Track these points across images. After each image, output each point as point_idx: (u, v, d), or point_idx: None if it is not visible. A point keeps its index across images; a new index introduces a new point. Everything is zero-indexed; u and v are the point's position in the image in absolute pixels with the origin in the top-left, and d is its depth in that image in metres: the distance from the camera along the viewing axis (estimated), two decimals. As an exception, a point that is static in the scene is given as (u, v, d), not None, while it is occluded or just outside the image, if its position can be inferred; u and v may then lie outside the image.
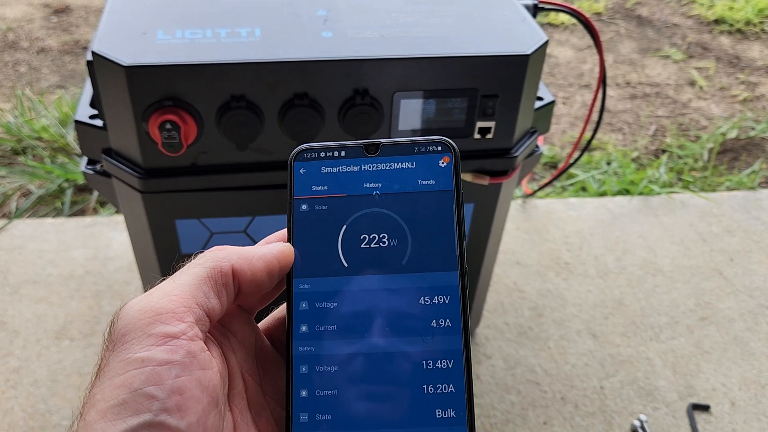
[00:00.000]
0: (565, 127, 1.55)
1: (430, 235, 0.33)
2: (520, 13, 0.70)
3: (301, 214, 0.34)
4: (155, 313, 0.29)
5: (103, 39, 0.60)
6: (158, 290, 0.30)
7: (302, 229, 0.33)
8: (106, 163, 0.66)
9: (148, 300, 0.29)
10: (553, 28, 1.97)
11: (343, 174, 0.34)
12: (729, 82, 1.76)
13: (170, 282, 0.31)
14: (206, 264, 0.31)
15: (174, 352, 0.28)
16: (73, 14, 1.92)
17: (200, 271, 0.31)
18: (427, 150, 0.33)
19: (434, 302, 0.32)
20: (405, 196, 0.33)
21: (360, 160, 0.34)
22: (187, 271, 0.31)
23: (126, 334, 0.28)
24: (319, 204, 0.34)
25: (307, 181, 0.34)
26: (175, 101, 0.60)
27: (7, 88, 1.57)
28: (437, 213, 0.33)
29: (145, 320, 0.28)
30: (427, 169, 0.33)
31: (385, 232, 0.33)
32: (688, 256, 1.15)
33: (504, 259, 1.12)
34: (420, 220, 0.33)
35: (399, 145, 0.34)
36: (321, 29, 0.64)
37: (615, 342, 0.99)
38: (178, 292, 0.30)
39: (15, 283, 1.03)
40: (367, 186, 0.33)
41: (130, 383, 0.27)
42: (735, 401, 0.92)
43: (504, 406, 0.90)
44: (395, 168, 0.34)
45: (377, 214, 0.33)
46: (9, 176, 1.28)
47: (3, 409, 0.85)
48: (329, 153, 0.34)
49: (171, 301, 0.29)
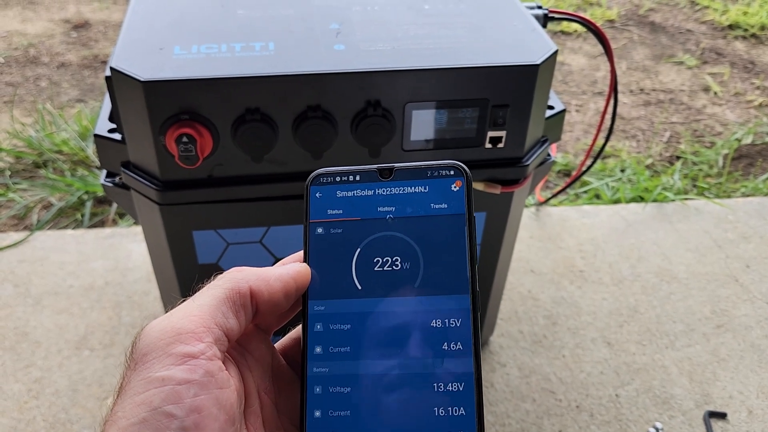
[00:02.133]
0: (578, 135, 1.55)
1: (442, 258, 0.33)
2: (530, 23, 0.71)
3: (316, 237, 0.34)
4: (175, 333, 0.30)
5: (122, 55, 0.62)
6: (179, 311, 0.31)
7: (318, 252, 0.34)
8: (125, 175, 0.68)
9: (169, 320, 0.30)
10: (566, 36, 1.97)
11: (357, 198, 0.34)
12: (744, 87, 1.75)
13: (191, 303, 0.32)
14: (225, 285, 0.32)
15: (193, 372, 0.29)
16: (92, 29, 1.96)
17: (219, 292, 0.32)
18: (439, 174, 0.34)
19: (446, 325, 0.32)
20: (418, 220, 0.34)
21: (374, 184, 0.34)
22: (206, 292, 0.32)
23: (147, 353, 0.29)
24: (334, 227, 0.34)
25: (323, 205, 0.35)
26: (192, 115, 0.61)
27: (28, 102, 1.60)
28: (449, 236, 0.33)
29: (166, 340, 0.29)
30: (440, 193, 0.34)
31: (398, 255, 0.33)
32: (703, 263, 1.14)
33: (518, 267, 1.12)
34: (432, 244, 0.33)
35: (412, 169, 0.34)
36: (333, 42, 0.66)
37: (630, 350, 0.99)
38: (197, 313, 0.31)
39: (37, 294, 1.05)
40: (380, 210, 0.34)
41: (150, 401, 0.28)
42: (752, 409, 0.91)
43: (519, 414, 0.90)
44: (408, 192, 0.34)
45: (390, 238, 0.34)
46: (30, 189, 1.30)
47: (26, 419, 0.87)
48: (344, 177, 0.35)
49: (191, 321, 0.30)
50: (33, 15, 2.03)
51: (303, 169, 0.67)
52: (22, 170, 1.37)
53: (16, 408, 0.88)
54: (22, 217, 1.25)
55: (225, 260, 0.75)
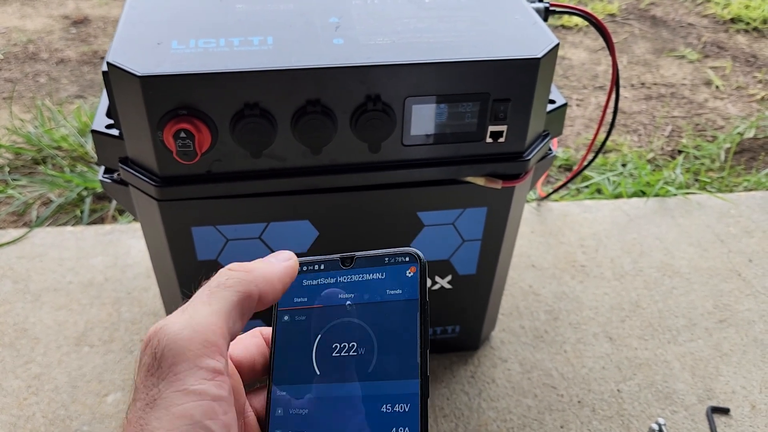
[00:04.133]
0: (579, 129, 1.55)
1: (395, 343, 0.34)
2: (531, 17, 0.70)
3: (283, 325, 0.36)
4: (202, 344, 0.29)
5: (119, 50, 0.61)
6: (198, 315, 0.31)
7: (283, 339, 0.36)
8: (123, 171, 0.67)
9: (193, 329, 0.30)
10: (566, 30, 1.96)
11: (321, 286, 0.36)
12: (746, 81, 1.74)
13: (207, 306, 0.31)
14: (237, 288, 0.32)
15: (222, 389, 0.29)
16: (91, 25, 1.95)
17: (231, 295, 0.32)
18: (395, 261, 0.35)
19: (395, 410, 0.33)
20: (374, 306, 0.35)
21: (336, 272, 0.36)
22: (219, 294, 0.32)
23: (177, 364, 0.29)
24: (299, 315, 0.36)
25: (290, 293, 0.36)
26: (190, 110, 0.61)
27: (27, 98, 1.60)
28: (402, 322, 0.34)
29: (195, 351, 0.29)
30: (396, 280, 0.35)
31: (354, 340, 0.35)
32: (705, 258, 1.14)
33: (519, 262, 1.12)
34: (386, 329, 0.34)
35: (371, 257, 0.36)
36: (333, 36, 0.65)
37: (632, 345, 0.99)
38: (216, 320, 0.31)
39: (36, 291, 1.04)
40: (341, 297, 0.36)
41: (191, 415, 0.28)
42: (755, 404, 0.91)
43: (520, 410, 0.89)
44: (367, 279, 0.35)
45: (348, 324, 0.35)
46: (30, 185, 1.30)
47: (25, 416, 0.87)
48: (310, 267, 0.37)
49: (213, 332, 0.30)
50: (32, 11, 2.02)
51: (302, 165, 0.67)
52: (21, 166, 1.37)
53: (15, 404, 0.88)
54: (22, 213, 1.24)
55: (224, 256, 0.74)
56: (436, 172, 0.70)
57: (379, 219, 0.75)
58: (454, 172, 0.70)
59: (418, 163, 0.69)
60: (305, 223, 0.73)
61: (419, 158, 0.69)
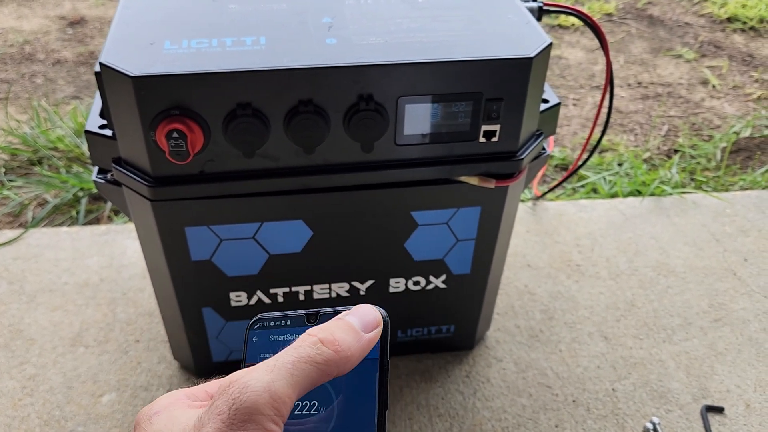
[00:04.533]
0: (576, 129, 1.55)
1: (354, 403, 0.34)
2: (524, 16, 0.70)
3: None
4: (274, 412, 0.30)
5: (111, 50, 0.61)
6: (278, 383, 0.31)
7: None
8: (116, 172, 0.67)
9: (271, 395, 0.31)
10: (563, 30, 1.97)
11: (286, 341, 0.36)
12: (742, 80, 1.74)
13: (290, 376, 0.32)
14: (322, 368, 0.32)
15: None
16: (88, 26, 1.95)
17: (314, 374, 0.32)
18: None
19: None
20: None
21: (301, 328, 0.36)
22: (304, 369, 0.32)
23: (247, 422, 0.30)
24: None
25: (258, 349, 0.36)
26: (182, 110, 0.61)
27: (23, 99, 1.60)
28: (362, 381, 0.34)
29: (266, 416, 0.30)
30: None
31: (315, 399, 0.34)
32: (701, 257, 1.14)
33: (514, 261, 1.12)
34: (346, 388, 0.34)
35: (335, 314, 0.36)
36: (326, 36, 0.65)
37: (627, 344, 0.99)
38: (291, 394, 0.31)
39: (31, 292, 1.04)
40: None
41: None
42: (750, 403, 0.91)
43: (515, 409, 0.89)
44: None
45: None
46: (25, 186, 1.30)
47: (20, 417, 0.87)
48: (277, 322, 0.37)
49: (285, 402, 0.31)
50: (28, 12, 2.02)
51: (295, 164, 0.67)
52: (16, 167, 1.37)
53: (10, 405, 0.88)
54: (17, 214, 1.24)
55: (218, 256, 0.74)
56: (430, 172, 0.70)
57: (372, 219, 0.75)
58: (447, 171, 0.70)
59: (411, 162, 0.69)
60: (299, 223, 0.73)
61: (412, 158, 0.69)
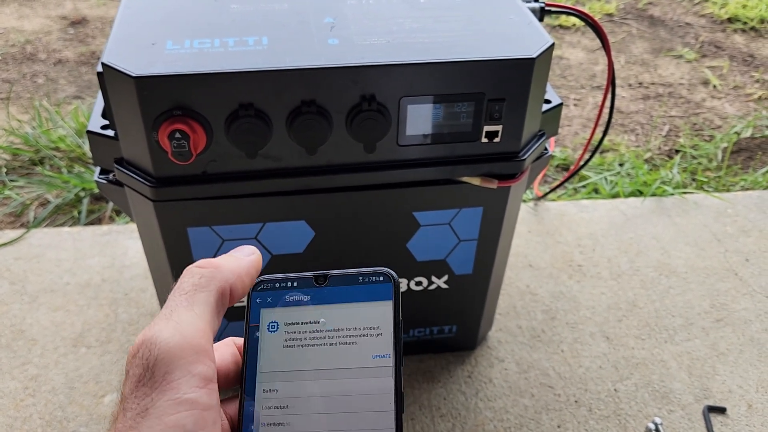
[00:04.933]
0: (577, 129, 1.55)
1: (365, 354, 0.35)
2: (526, 17, 0.70)
3: (253, 341, 0.36)
4: (194, 351, 0.29)
5: (113, 50, 0.61)
6: (184, 322, 0.30)
7: (253, 354, 0.36)
8: (118, 172, 0.67)
9: (182, 335, 0.30)
10: (564, 30, 1.97)
11: (293, 302, 0.36)
12: (743, 80, 1.74)
13: (189, 311, 0.31)
14: (211, 287, 0.32)
15: (212, 397, 0.29)
16: (89, 26, 1.95)
17: (209, 296, 0.32)
18: (369, 280, 0.36)
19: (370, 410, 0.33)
20: (344, 317, 0.35)
21: (309, 290, 0.36)
22: (198, 297, 0.32)
23: (170, 372, 0.29)
24: (270, 331, 0.36)
25: (258, 310, 0.36)
26: (185, 110, 0.61)
27: (25, 99, 1.60)
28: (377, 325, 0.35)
29: (187, 359, 0.29)
30: (368, 293, 0.35)
31: (323, 360, 0.35)
32: (702, 257, 1.14)
33: (516, 262, 1.12)
34: (358, 340, 0.35)
35: (346, 275, 0.36)
36: (328, 36, 0.65)
37: (629, 344, 0.99)
38: (202, 325, 0.31)
39: (33, 292, 1.04)
40: (313, 315, 0.36)
41: (183, 425, 0.28)
42: (752, 403, 0.91)
43: (517, 409, 0.89)
44: (339, 296, 0.36)
45: (319, 344, 0.35)
46: (27, 186, 1.30)
47: (22, 417, 0.87)
48: (282, 284, 0.36)
49: (202, 336, 0.30)
50: (30, 11, 2.02)
51: (298, 165, 0.67)
52: (18, 167, 1.37)
53: (12, 406, 0.88)
54: (19, 214, 1.24)
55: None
56: (432, 172, 0.70)
57: (375, 219, 0.75)
58: (449, 172, 0.70)
59: (413, 163, 0.69)
60: (301, 224, 0.73)
61: (415, 158, 0.69)
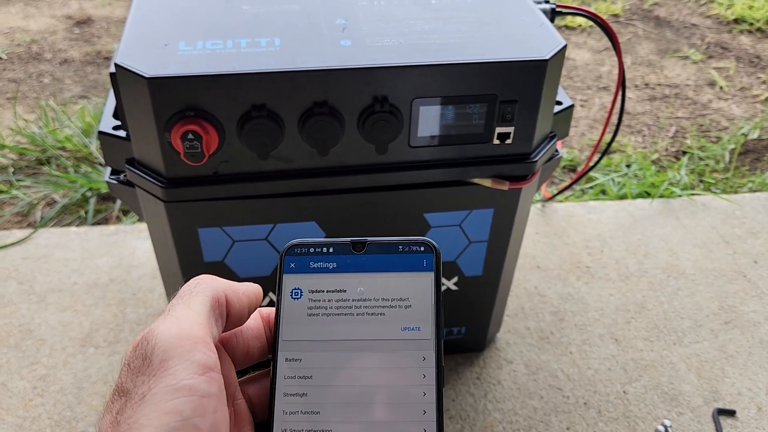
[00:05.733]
0: (584, 130, 1.55)
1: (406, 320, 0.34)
2: (538, 18, 0.70)
3: (289, 305, 0.36)
4: (192, 341, 0.29)
5: (126, 51, 0.61)
6: (182, 317, 0.31)
7: (289, 318, 0.35)
8: (130, 173, 0.67)
9: (180, 327, 0.30)
10: (570, 31, 1.96)
11: (329, 269, 0.36)
12: (750, 81, 1.74)
13: (187, 309, 0.31)
14: (207, 292, 0.32)
15: (212, 385, 0.29)
16: (94, 25, 1.95)
17: (205, 299, 0.32)
18: (409, 249, 0.35)
19: (409, 397, 0.33)
20: (383, 287, 0.35)
21: (347, 256, 0.36)
22: (195, 299, 0.32)
23: (168, 359, 0.28)
24: (310, 297, 0.36)
25: (295, 275, 0.36)
26: (197, 111, 0.60)
27: (31, 99, 1.60)
28: (415, 299, 0.35)
29: (186, 347, 0.29)
30: (408, 263, 0.35)
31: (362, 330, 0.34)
32: (710, 259, 1.14)
33: (524, 263, 1.12)
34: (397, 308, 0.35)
35: (383, 242, 0.36)
36: (340, 37, 0.65)
37: (638, 346, 0.98)
38: (199, 320, 0.31)
39: (41, 292, 1.04)
40: (350, 283, 0.36)
41: (180, 411, 0.27)
42: (762, 406, 0.90)
43: (526, 411, 0.89)
44: (378, 265, 0.36)
45: (357, 314, 0.35)
46: (34, 186, 1.30)
47: (30, 417, 0.87)
48: (318, 249, 0.36)
49: (200, 329, 0.30)
50: (35, 11, 2.02)
51: (309, 166, 0.67)
52: (25, 167, 1.37)
53: (21, 406, 0.88)
54: (26, 214, 1.24)
55: (231, 257, 0.74)
56: (443, 174, 0.70)
57: (385, 220, 0.75)
58: (460, 173, 0.70)
59: (425, 164, 0.69)
60: (312, 225, 0.73)
61: (426, 160, 0.69)
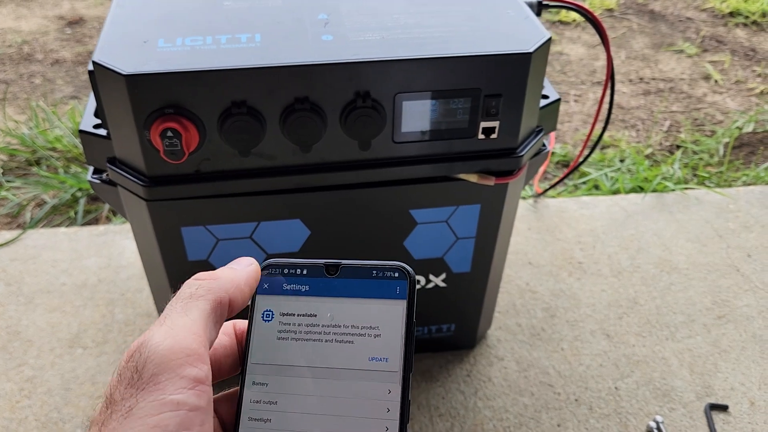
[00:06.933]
0: (577, 125, 1.54)
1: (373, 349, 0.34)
2: (523, 12, 0.69)
3: (259, 327, 0.36)
4: (185, 354, 0.29)
5: (104, 48, 0.60)
6: (177, 326, 0.30)
7: (259, 342, 0.35)
8: (111, 172, 0.67)
9: (174, 339, 0.29)
10: (564, 26, 1.95)
11: (302, 291, 0.35)
12: (745, 75, 1.73)
13: (183, 317, 0.31)
14: (208, 296, 0.32)
15: (201, 398, 0.29)
16: (86, 26, 1.94)
17: (205, 304, 0.32)
18: (383, 275, 0.35)
19: (374, 410, 0.33)
20: (354, 314, 0.35)
21: (319, 279, 0.35)
22: (193, 305, 0.32)
23: (158, 374, 0.28)
24: (279, 320, 0.36)
25: (267, 297, 0.36)
26: (176, 109, 0.60)
27: (22, 99, 1.59)
28: (386, 327, 0.34)
29: (177, 361, 0.29)
30: (381, 289, 0.34)
31: (329, 355, 0.34)
32: (704, 253, 1.13)
33: (516, 259, 1.11)
34: (366, 333, 0.34)
35: (358, 266, 0.35)
36: (322, 33, 0.64)
37: (630, 342, 0.98)
38: (195, 329, 0.30)
39: (29, 293, 1.04)
40: (323, 307, 0.35)
41: (166, 425, 0.27)
42: (754, 401, 0.90)
43: (517, 408, 0.89)
44: (350, 289, 0.35)
45: (326, 339, 0.35)
46: (23, 187, 1.29)
47: (17, 419, 0.86)
48: (291, 270, 0.36)
49: (194, 340, 0.30)
50: (27, 12, 2.01)
51: (292, 163, 0.66)
52: (15, 168, 1.36)
53: (8, 407, 0.87)
54: (15, 215, 1.24)
55: (215, 256, 0.74)
56: (428, 169, 0.69)
57: (371, 217, 0.74)
58: (446, 169, 0.70)
59: (409, 160, 0.68)
60: (296, 222, 0.72)
61: (411, 155, 0.68)
